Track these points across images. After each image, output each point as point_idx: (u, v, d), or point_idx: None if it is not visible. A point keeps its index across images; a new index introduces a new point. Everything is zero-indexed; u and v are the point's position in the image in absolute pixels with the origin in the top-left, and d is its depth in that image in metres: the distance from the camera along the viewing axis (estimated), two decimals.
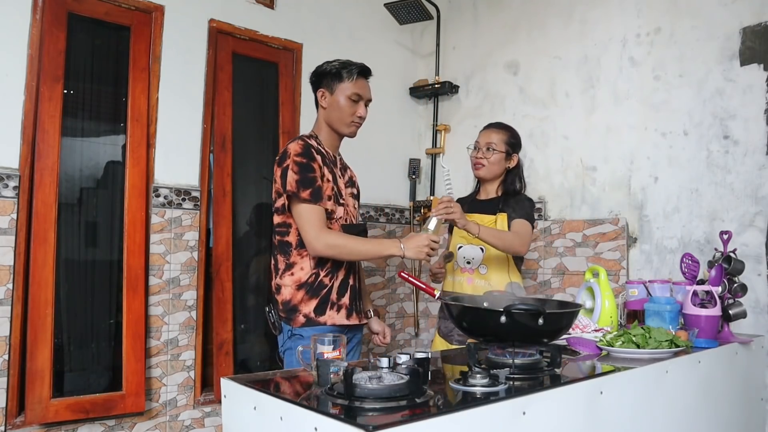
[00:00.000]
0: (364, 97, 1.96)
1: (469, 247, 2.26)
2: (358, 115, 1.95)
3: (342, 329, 1.90)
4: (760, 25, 2.32)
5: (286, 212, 1.88)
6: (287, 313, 1.87)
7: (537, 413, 1.17)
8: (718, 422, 1.85)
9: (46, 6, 2.26)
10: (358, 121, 1.97)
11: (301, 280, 1.88)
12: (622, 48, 2.71)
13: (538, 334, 1.40)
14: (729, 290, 1.97)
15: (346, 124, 1.96)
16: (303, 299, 1.87)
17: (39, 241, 2.21)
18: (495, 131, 2.32)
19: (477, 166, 2.30)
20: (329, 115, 1.96)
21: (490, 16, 3.27)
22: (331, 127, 1.98)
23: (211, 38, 2.68)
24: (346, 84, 1.93)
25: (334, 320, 1.88)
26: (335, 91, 1.94)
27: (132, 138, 2.45)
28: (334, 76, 1.94)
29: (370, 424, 0.92)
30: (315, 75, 2.00)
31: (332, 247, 1.81)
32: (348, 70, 1.93)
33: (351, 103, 1.93)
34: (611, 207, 2.71)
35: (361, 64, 1.97)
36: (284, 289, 1.89)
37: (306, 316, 1.86)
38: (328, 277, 1.89)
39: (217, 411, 2.63)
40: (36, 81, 2.23)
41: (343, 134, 2.00)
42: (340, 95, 1.93)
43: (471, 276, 2.24)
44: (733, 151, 2.37)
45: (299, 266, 1.88)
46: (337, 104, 1.94)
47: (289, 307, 1.87)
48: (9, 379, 2.14)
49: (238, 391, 1.25)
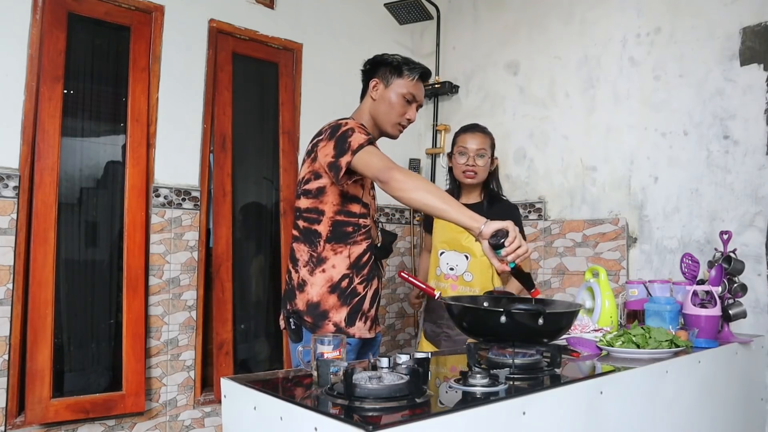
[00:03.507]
0: (418, 100, 1.83)
1: (452, 254, 2.23)
2: (408, 117, 1.81)
3: (361, 342, 1.75)
4: (760, 25, 2.32)
5: (321, 196, 1.70)
6: (314, 318, 1.67)
7: (537, 413, 1.17)
8: (718, 422, 1.85)
9: (46, 6, 2.26)
10: (406, 124, 1.83)
11: (333, 280, 1.68)
12: (622, 48, 2.71)
13: (538, 334, 1.40)
14: (729, 290, 1.97)
15: (393, 124, 1.81)
16: (335, 305, 1.68)
17: (39, 241, 2.20)
18: (482, 135, 2.28)
19: (469, 174, 2.24)
20: (377, 108, 1.81)
21: (490, 16, 3.27)
22: (376, 122, 1.82)
23: (211, 38, 2.68)
24: (404, 81, 1.79)
25: (361, 333, 1.72)
26: (390, 85, 1.79)
27: (132, 138, 2.45)
28: (394, 69, 1.79)
29: (370, 424, 0.92)
30: (372, 63, 1.84)
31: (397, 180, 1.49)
32: (410, 67, 1.80)
33: (404, 103, 1.79)
34: (611, 207, 2.71)
35: (424, 66, 1.83)
36: (311, 288, 1.69)
37: (336, 324, 1.67)
38: (363, 285, 1.73)
39: (217, 411, 2.63)
40: (36, 81, 2.23)
41: (385, 133, 1.84)
42: (394, 91, 1.78)
43: (455, 283, 2.22)
44: (733, 151, 2.37)
45: (331, 263, 1.69)
46: (388, 99, 1.78)
47: (317, 312, 1.67)
48: (9, 379, 2.14)
49: (238, 391, 1.25)
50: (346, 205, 1.72)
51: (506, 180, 3.12)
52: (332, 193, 1.70)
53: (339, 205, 1.72)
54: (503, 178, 3.13)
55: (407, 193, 1.49)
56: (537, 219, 2.96)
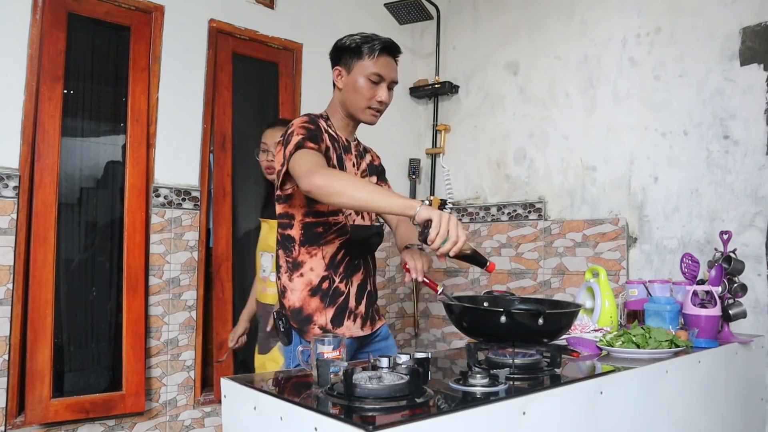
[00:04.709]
0: (387, 78, 1.64)
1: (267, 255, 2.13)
2: (378, 99, 1.64)
3: (357, 340, 1.70)
4: (760, 25, 2.32)
5: (290, 201, 1.64)
6: (299, 324, 1.62)
7: (537, 413, 1.17)
8: (718, 422, 1.85)
9: (46, 6, 2.26)
10: (378, 106, 1.66)
11: (312, 283, 1.63)
12: (622, 48, 2.71)
13: (538, 334, 1.40)
14: (729, 290, 1.98)
15: (362, 109, 1.65)
16: (318, 308, 1.62)
17: (39, 241, 2.20)
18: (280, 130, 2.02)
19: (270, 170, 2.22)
20: (344, 97, 1.67)
21: (490, 16, 3.27)
22: (347, 112, 1.69)
23: (211, 38, 2.68)
24: (366, 62, 1.62)
25: (352, 332, 1.66)
26: (353, 70, 1.64)
27: (132, 138, 2.45)
28: (353, 51, 1.63)
29: (370, 424, 0.92)
30: (334, 50, 1.69)
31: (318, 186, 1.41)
32: (370, 45, 1.62)
33: (370, 85, 1.63)
34: (611, 207, 2.71)
35: (386, 39, 1.66)
36: (292, 294, 1.64)
37: (322, 327, 1.62)
38: (344, 283, 1.66)
39: (217, 411, 2.62)
40: (36, 81, 2.23)
41: (360, 121, 1.71)
42: (358, 75, 1.63)
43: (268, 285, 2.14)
44: (733, 151, 2.37)
45: (309, 266, 1.63)
46: (353, 85, 1.63)
47: (301, 317, 1.62)
48: (9, 379, 2.14)
49: (238, 391, 1.25)
50: (313, 205, 1.64)
51: (506, 180, 3.13)
52: (299, 197, 1.64)
53: (306, 207, 1.65)
54: (503, 178, 3.13)
55: (332, 198, 1.41)
56: (537, 219, 2.96)
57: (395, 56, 1.68)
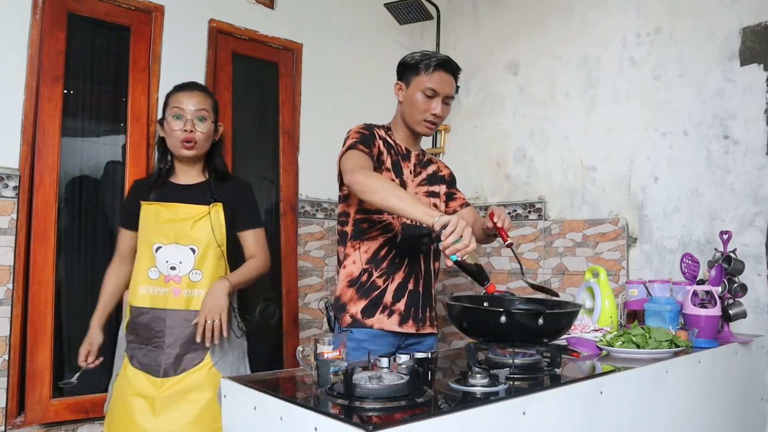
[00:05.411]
0: (441, 92, 1.81)
1: (173, 247, 1.79)
2: (432, 112, 1.80)
3: (397, 337, 1.79)
4: (760, 25, 2.32)
5: (348, 200, 1.79)
6: (336, 311, 1.78)
7: (537, 413, 1.17)
8: (718, 422, 1.85)
9: (46, 6, 2.26)
10: (432, 119, 1.82)
11: (352, 275, 1.77)
12: (622, 48, 2.71)
13: (538, 334, 1.40)
14: (729, 290, 1.98)
15: (418, 122, 1.83)
16: (352, 298, 1.77)
17: (39, 241, 2.20)
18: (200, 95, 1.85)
19: (188, 143, 1.80)
20: (404, 110, 1.85)
21: (490, 16, 3.27)
22: (405, 124, 1.87)
23: (211, 38, 2.68)
24: (422, 77, 1.80)
25: (383, 325, 1.75)
26: (411, 85, 1.81)
27: (132, 138, 2.45)
28: (411, 68, 1.82)
29: (370, 424, 0.92)
30: (398, 66, 1.88)
31: (358, 183, 1.54)
32: (426, 62, 1.80)
33: (424, 99, 1.80)
34: (611, 207, 2.71)
35: (442, 56, 1.83)
36: (337, 285, 1.81)
37: (353, 316, 1.75)
38: (382, 278, 1.77)
39: None
40: (36, 81, 2.23)
41: (416, 132, 1.88)
42: (414, 89, 1.80)
43: (178, 286, 1.80)
44: (733, 151, 2.37)
45: (351, 259, 1.78)
46: (410, 99, 1.81)
47: (338, 305, 1.78)
48: (9, 379, 2.13)
49: (238, 391, 1.25)
50: (363, 204, 1.78)
51: (506, 180, 3.13)
52: (353, 196, 1.76)
53: (358, 205, 1.81)
54: (503, 178, 3.13)
55: (367, 196, 1.54)
56: (537, 219, 2.96)
57: (451, 72, 1.84)
